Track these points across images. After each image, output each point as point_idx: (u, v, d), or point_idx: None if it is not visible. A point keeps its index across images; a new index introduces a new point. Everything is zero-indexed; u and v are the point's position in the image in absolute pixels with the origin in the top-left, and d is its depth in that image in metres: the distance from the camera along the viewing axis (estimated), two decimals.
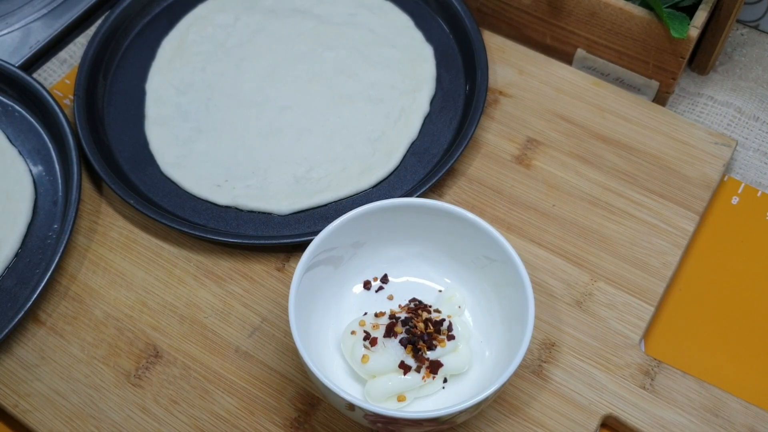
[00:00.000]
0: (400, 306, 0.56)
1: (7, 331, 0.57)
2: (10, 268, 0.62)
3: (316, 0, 0.76)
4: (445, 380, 0.54)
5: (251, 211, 0.65)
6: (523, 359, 0.49)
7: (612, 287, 0.61)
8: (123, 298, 0.61)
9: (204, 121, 0.69)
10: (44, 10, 0.76)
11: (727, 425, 0.55)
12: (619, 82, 0.72)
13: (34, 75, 0.74)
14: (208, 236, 0.62)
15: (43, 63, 0.75)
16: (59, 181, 0.66)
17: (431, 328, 0.53)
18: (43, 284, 0.59)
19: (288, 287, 0.52)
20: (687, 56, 0.67)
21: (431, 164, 0.67)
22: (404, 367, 0.52)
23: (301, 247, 0.60)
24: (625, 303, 0.60)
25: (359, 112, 0.69)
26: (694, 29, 0.65)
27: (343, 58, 0.72)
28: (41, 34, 0.75)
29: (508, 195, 0.65)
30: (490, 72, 0.71)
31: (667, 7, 0.66)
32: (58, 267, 0.60)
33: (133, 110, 0.70)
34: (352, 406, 0.48)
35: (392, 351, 0.52)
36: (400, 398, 0.52)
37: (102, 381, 0.58)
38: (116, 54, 0.73)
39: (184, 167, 0.67)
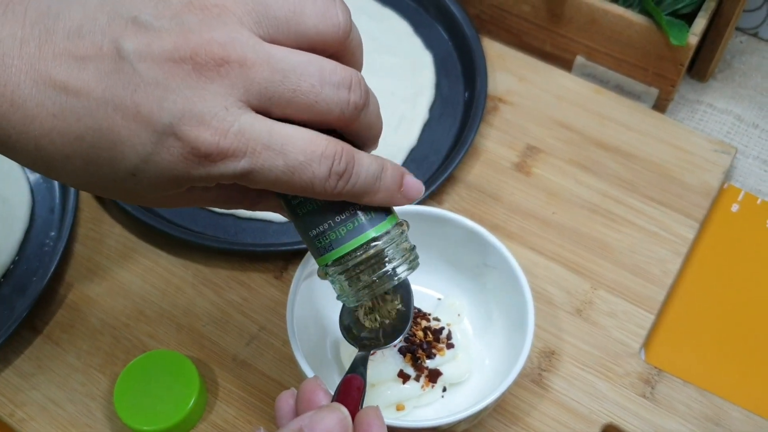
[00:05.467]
0: None
1: (3, 339, 0.56)
2: (7, 275, 0.61)
3: None
4: (444, 389, 0.53)
5: (249, 219, 0.64)
6: (523, 368, 0.48)
7: (612, 295, 0.61)
8: (120, 306, 0.61)
9: None
10: None
11: None
12: (619, 89, 0.72)
13: None
14: (206, 243, 0.62)
15: None
16: (56, 188, 0.65)
17: (430, 336, 0.53)
18: (39, 292, 0.58)
19: (286, 295, 0.52)
20: (686, 63, 0.67)
21: (430, 171, 0.66)
22: (403, 376, 0.52)
23: (299, 255, 0.59)
24: (626, 311, 0.60)
25: None
26: (694, 36, 0.65)
27: None
28: None
29: (508, 202, 0.65)
30: (490, 79, 0.71)
31: (666, 15, 0.66)
32: (55, 275, 0.60)
33: None
34: None
35: (391, 360, 0.52)
36: (399, 407, 0.52)
37: (98, 389, 0.57)
38: None
39: None
